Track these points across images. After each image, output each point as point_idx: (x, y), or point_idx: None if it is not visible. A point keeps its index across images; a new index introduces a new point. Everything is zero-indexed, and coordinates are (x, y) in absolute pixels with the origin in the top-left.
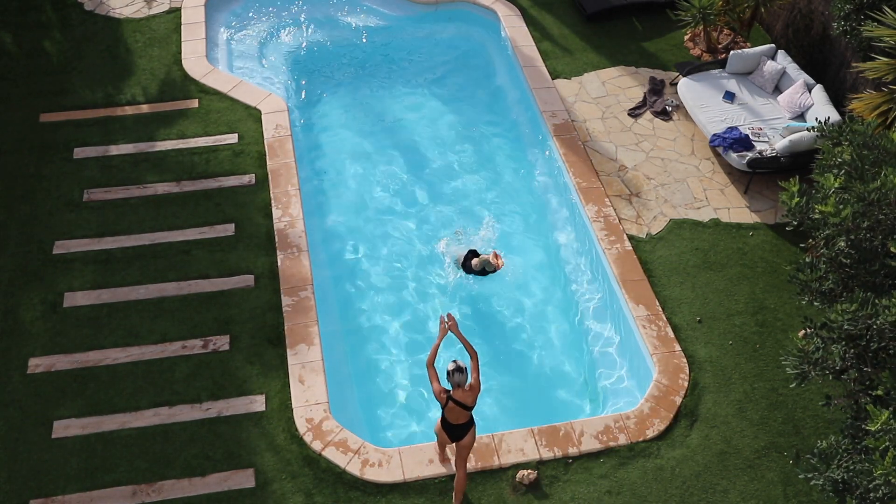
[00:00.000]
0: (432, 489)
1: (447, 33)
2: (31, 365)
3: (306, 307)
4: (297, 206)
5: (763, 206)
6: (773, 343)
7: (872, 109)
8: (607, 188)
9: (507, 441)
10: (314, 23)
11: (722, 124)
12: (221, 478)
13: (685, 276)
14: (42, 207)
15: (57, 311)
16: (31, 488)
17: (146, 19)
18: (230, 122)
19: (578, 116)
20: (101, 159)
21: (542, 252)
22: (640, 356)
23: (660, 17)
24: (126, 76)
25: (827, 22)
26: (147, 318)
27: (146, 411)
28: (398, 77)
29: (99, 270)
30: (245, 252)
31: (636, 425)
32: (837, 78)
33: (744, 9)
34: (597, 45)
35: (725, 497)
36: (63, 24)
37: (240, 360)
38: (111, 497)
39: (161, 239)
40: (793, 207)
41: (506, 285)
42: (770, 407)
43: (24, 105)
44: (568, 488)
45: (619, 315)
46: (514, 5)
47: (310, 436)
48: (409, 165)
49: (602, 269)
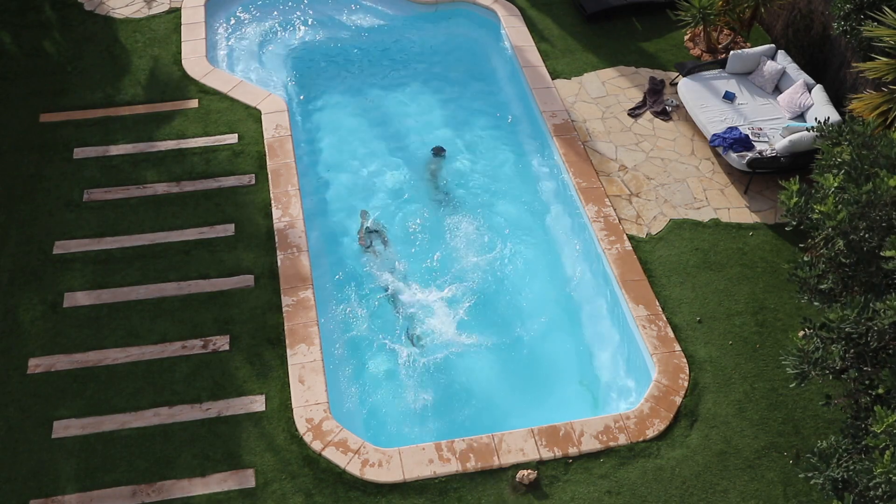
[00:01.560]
0: (432, 489)
1: (447, 33)
2: (31, 365)
3: (306, 307)
4: (297, 206)
5: (763, 206)
6: (773, 343)
7: (872, 109)
8: (607, 188)
9: (507, 441)
10: (314, 23)
11: (722, 124)
12: (221, 478)
13: (685, 276)
14: (42, 207)
15: (57, 311)
16: (31, 488)
17: (146, 19)
18: (230, 122)
19: (578, 116)
20: (101, 159)
21: (542, 252)
22: (640, 356)
23: (660, 17)
24: (126, 76)
25: (827, 22)
26: (147, 318)
27: (146, 411)
28: (398, 77)
29: (99, 270)
30: (245, 252)
31: (636, 425)
32: (837, 78)
33: (744, 9)
34: (597, 45)
35: (725, 497)
36: (63, 24)
37: (240, 360)
38: (111, 497)
39: (161, 239)
40: (791, 207)
41: (506, 285)
42: (770, 407)
43: (24, 105)
44: (568, 488)
45: (619, 315)
46: (514, 5)
47: (310, 436)
48: (409, 165)
49: (602, 270)
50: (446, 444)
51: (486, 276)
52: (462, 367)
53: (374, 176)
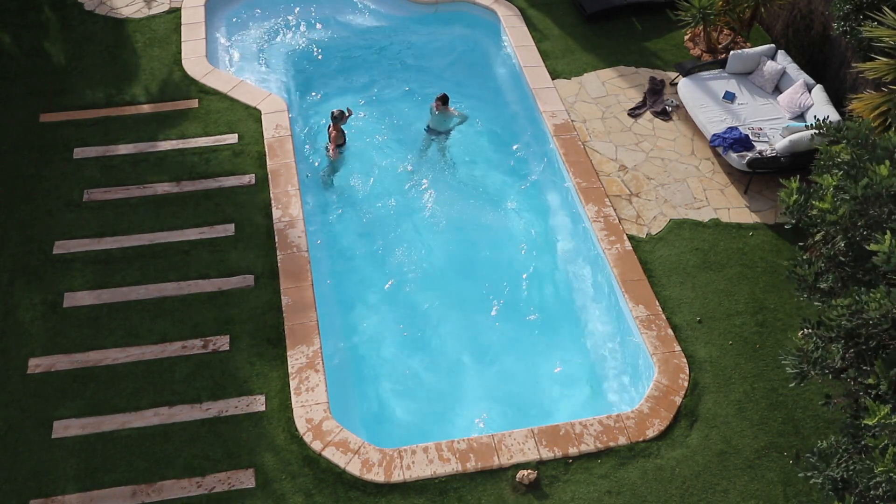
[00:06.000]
0: (432, 489)
1: (447, 33)
2: (31, 365)
3: (306, 307)
4: (297, 206)
5: (763, 206)
6: (773, 343)
7: (872, 109)
8: (607, 188)
9: (507, 441)
10: (314, 23)
11: (722, 124)
12: (221, 478)
13: (685, 276)
14: (42, 207)
15: (57, 311)
16: (31, 488)
17: (146, 19)
18: (230, 123)
19: (578, 116)
20: (101, 159)
21: (542, 252)
22: (640, 356)
23: (660, 17)
24: (126, 76)
25: (827, 22)
26: (147, 318)
27: (146, 411)
28: (398, 77)
29: (99, 270)
30: (245, 252)
31: (636, 425)
32: (837, 78)
33: (744, 9)
34: (597, 45)
35: (725, 497)
36: (63, 24)
37: (240, 360)
38: (111, 497)
39: (161, 239)
40: (791, 205)
41: (506, 284)
42: (770, 407)
43: (24, 105)
44: (568, 488)
45: (619, 315)
46: (514, 5)
47: (310, 436)
48: (408, 165)
49: (602, 270)
50: (446, 444)
51: (486, 276)
52: (462, 367)
53: (375, 175)
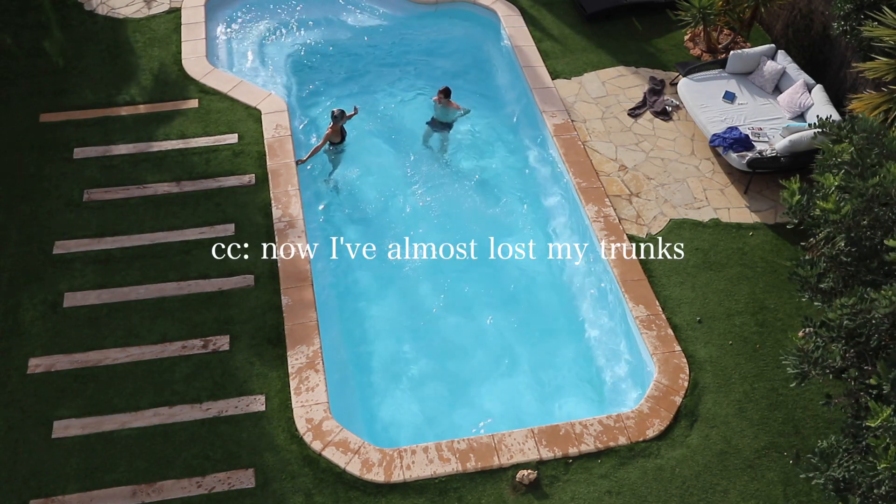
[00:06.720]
0: (432, 489)
1: (447, 33)
2: (31, 365)
3: (306, 307)
4: (297, 206)
5: (763, 206)
6: (773, 343)
7: (872, 109)
8: (607, 188)
9: (507, 441)
10: (314, 23)
11: (722, 124)
12: (221, 478)
13: (685, 276)
14: (42, 207)
15: (57, 312)
16: (31, 488)
17: (146, 19)
18: (230, 122)
19: (578, 116)
20: (101, 159)
21: (542, 252)
22: (640, 356)
23: (660, 17)
24: (126, 76)
25: (827, 22)
26: (147, 318)
27: (146, 411)
28: (398, 77)
29: (99, 270)
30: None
31: (636, 425)
32: (837, 78)
33: (744, 9)
34: (597, 45)
35: (725, 497)
36: (63, 24)
37: (240, 360)
38: (111, 497)
39: (161, 239)
40: (793, 205)
41: (505, 284)
42: (770, 407)
43: (24, 105)
44: (568, 488)
45: (619, 315)
46: (514, 5)
47: (310, 436)
48: (409, 165)
49: (602, 269)
50: (446, 444)
51: (486, 277)
52: (462, 367)
53: (374, 175)
